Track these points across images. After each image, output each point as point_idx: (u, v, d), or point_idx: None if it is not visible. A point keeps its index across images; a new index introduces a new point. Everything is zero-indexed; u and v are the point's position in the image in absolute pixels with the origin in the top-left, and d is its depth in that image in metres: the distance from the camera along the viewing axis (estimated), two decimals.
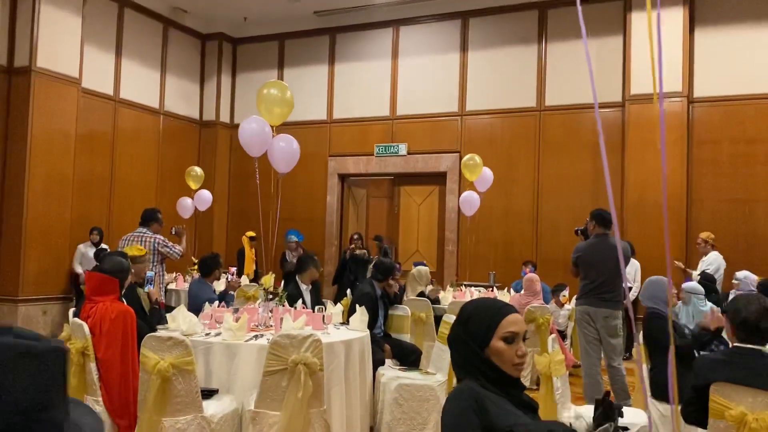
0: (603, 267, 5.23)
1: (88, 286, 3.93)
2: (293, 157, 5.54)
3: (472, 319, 1.77)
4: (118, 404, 3.74)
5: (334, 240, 11.08)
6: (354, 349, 4.26)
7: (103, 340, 3.75)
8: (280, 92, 5.22)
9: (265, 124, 5.23)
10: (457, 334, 1.80)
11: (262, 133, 5.26)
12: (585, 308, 5.32)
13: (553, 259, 9.26)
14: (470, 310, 1.81)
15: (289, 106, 5.28)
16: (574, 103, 9.47)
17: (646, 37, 8.34)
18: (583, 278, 5.39)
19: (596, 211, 5.52)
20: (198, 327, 4.18)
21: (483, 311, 1.78)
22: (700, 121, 8.70)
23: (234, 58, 12.09)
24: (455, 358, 1.83)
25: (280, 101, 5.17)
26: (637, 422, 3.57)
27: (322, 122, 11.22)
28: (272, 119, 5.14)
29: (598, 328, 5.27)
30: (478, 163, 8.44)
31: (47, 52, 8.59)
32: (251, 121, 5.36)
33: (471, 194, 8.67)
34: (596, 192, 9.24)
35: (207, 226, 11.42)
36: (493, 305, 1.81)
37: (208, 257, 6.10)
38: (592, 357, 5.30)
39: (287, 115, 5.37)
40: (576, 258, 5.42)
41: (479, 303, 1.84)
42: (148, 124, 10.78)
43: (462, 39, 10.32)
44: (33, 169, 8.44)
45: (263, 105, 5.14)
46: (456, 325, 1.82)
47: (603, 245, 5.31)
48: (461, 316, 1.82)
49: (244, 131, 5.36)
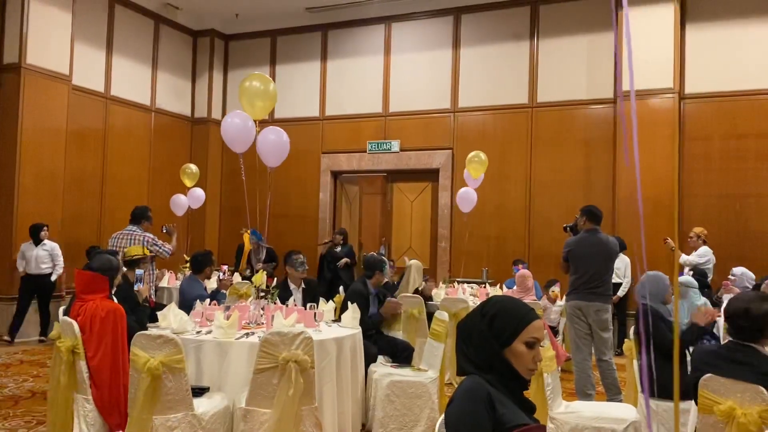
0: (593, 261, 5.29)
1: (77, 285, 3.92)
2: (283, 150, 5.39)
3: (499, 317, 1.77)
4: (108, 402, 3.73)
5: (327, 237, 11.06)
6: (345, 346, 4.25)
7: (93, 339, 3.74)
8: (262, 85, 5.08)
9: (248, 119, 5.11)
10: (480, 329, 1.78)
11: (245, 129, 5.14)
12: (576, 303, 5.34)
13: (546, 254, 9.29)
14: (498, 308, 1.80)
15: (272, 100, 5.11)
16: (566, 100, 9.49)
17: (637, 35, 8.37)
18: (573, 273, 5.41)
19: (587, 207, 5.57)
20: (189, 325, 4.16)
21: (511, 312, 1.78)
22: (691, 117, 8.73)
23: (226, 55, 12.05)
24: (469, 352, 1.80)
25: (262, 94, 5.02)
26: (627, 418, 3.59)
27: (315, 119, 11.20)
28: (254, 113, 5.00)
29: (589, 323, 5.29)
30: (483, 160, 8.42)
31: (37, 48, 8.53)
32: (234, 116, 5.21)
33: (468, 191, 8.66)
34: (588, 188, 9.27)
35: (199, 223, 11.38)
36: (523, 308, 1.80)
37: (199, 254, 6.08)
38: (583, 352, 5.32)
39: (270, 109, 5.24)
40: (566, 253, 5.44)
41: (508, 303, 1.82)
42: (140, 121, 10.73)
43: (454, 35, 10.31)
44: (23, 166, 8.39)
45: (245, 98, 5.02)
46: (479, 319, 1.80)
47: (593, 240, 5.35)
48: (486, 311, 1.80)
49: (228, 127, 5.22)
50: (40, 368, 6.61)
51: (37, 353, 7.50)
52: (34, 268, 8.03)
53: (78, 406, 3.76)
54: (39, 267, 8.05)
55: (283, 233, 10.67)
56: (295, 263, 5.60)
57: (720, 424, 2.68)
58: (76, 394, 3.78)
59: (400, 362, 5.04)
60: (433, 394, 4.58)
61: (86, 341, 3.74)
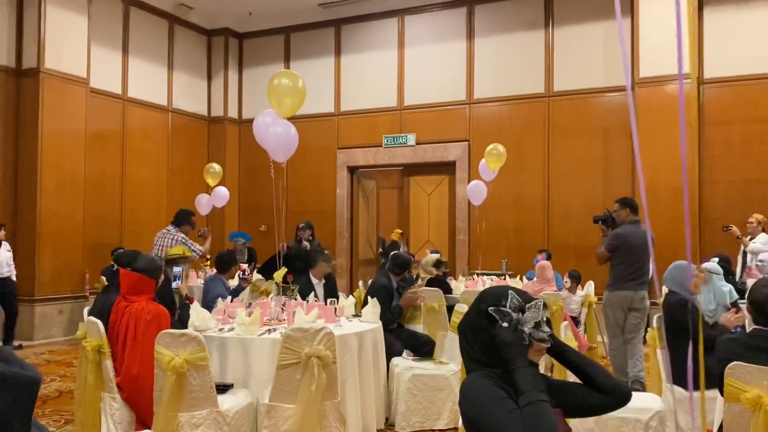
0: (641, 251, 5.49)
1: (123, 285, 3.93)
2: (291, 144, 5.17)
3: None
4: (149, 401, 3.69)
5: (345, 232, 11.09)
6: (367, 340, 4.27)
7: (137, 340, 3.75)
8: (291, 82, 5.00)
9: (290, 127, 4.91)
10: (480, 324, 1.79)
11: (287, 136, 4.90)
12: (625, 293, 5.48)
13: (565, 245, 9.23)
14: (491, 299, 1.81)
15: (301, 97, 5.00)
16: (584, 88, 9.39)
17: (654, 20, 8.26)
18: (620, 263, 5.51)
19: (626, 200, 5.84)
20: (211, 322, 4.20)
21: (503, 298, 1.80)
22: (710, 102, 8.61)
23: (240, 53, 12.09)
24: (473, 350, 1.80)
25: (291, 91, 4.93)
26: (653, 407, 3.56)
27: (330, 115, 11.21)
28: (282, 111, 4.94)
29: (632, 310, 5.46)
30: (501, 153, 8.37)
31: (55, 53, 8.64)
32: (275, 125, 4.94)
33: (478, 183, 8.62)
34: (607, 176, 9.18)
35: (219, 222, 11.46)
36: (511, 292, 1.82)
37: (224, 254, 6.15)
38: (619, 337, 5.53)
39: (299, 107, 5.07)
40: (617, 244, 5.52)
41: (499, 291, 1.83)
42: (157, 122, 10.82)
43: (468, 27, 10.25)
44: (44, 169, 8.51)
45: (274, 96, 4.93)
46: (477, 315, 1.81)
47: (639, 231, 5.53)
48: (482, 305, 1.81)
49: (270, 136, 4.97)
50: (66, 368, 6.72)
51: (63, 353, 7.62)
52: (4, 270, 7.74)
53: (105, 404, 3.82)
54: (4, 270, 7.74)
55: None
56: (328, 258, 5.75)
57: (747, 412, 2.65)
58: (103, 392, 3.83)
59: (421, 356, 5.05)
60: (455, 387, 4.58)
61: (129, 341, 3.76)
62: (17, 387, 0.71)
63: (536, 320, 1.75)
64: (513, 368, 1.69)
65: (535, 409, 1.61)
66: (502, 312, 1.76)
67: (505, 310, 1.76)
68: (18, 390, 0.71)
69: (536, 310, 1.76)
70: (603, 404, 1.83)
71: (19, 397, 0.71)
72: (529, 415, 1.60)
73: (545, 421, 1.60)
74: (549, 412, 1.63)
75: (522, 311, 1.76)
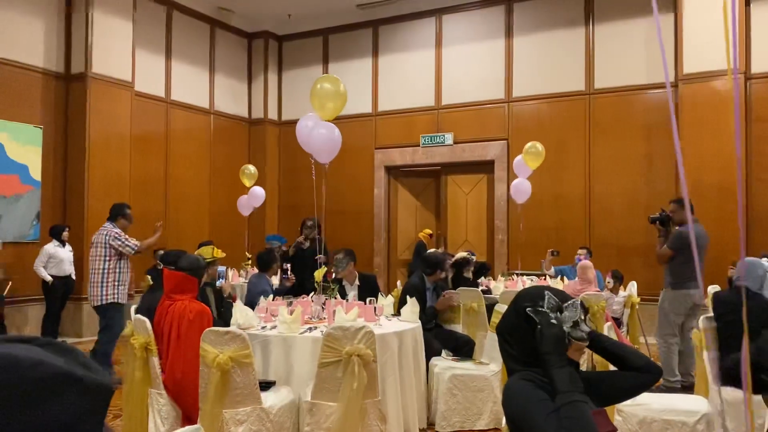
0: (703, 251, 5.61)
1: (166, 284, 4.02)
2: (335, 146, 5.25)
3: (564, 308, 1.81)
4: (194, 398, 3.76)
5: (383, 232, 11.13)
6: (406, 340, 4.28)
7: (181, 338, 3.83)
8: (333, 86, 5.10)
9: (334, 129, 5.01)
10: (518, 324, 1.81)
11: (330, 139, 5.02)
12: (688, 291, 5.54)
13: (607, 243, 9.08)
14: (527, 299, 1.83)
15: (343, 101, 5.12)
16: (625, 85, 9.23)
17: (698, 15, 8.06)
18: (685, 262, 5.50)
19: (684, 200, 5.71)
20: (254, 320, 4.27)
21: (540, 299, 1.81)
22: (758, 98, 8.37)
23: (280, 56, 12.24)
24: (513, 351, 1.82)
25: (333, 96, 5.04)
26: (699, 410, 3.49)
27: (368, 115, 11.26)
28: (325, 114, 5.04)
29: (694, 308, 5.54)
30: (539, 151, 8.29)
31: (101, 58, 8.91)
32: (319, 126, 5.03)
33: (522, 181, 8.53)
34: (649, 174, 9.01)
35: (259, 221, 11.61)
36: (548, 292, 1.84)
37: (264, 254, 6.26)
38: (676, 336, 5.65)
39: (340, 110, 5.16)
40: (687, 244, 5.46)
41: (534, 292, 1.85)
42: (200, 124, 11.04)
43: (506, 25, 10.18)
44: (92, 170, 8.78)
45: (316, 100, 5.03)
46: (515, 315, 1.83)
47: (702, 230, 5.59)
48: (519, 306, 1.83)
49: (314, 138, 5.04)
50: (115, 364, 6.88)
51: None
52: (68, 269, 8.12)
53: (152, 400, 3.91)
54: (67, 269, 8.10)
55: (339, 229, 10.77)
56: (336, 262, 5.56)
57: None
58: (151, 389, 3.93)
59: (461, 356, 5.04)
60: (496, 387, 4.56)
61: (173, 339, 3.85)
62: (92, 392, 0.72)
63: (574, 319, 1.75)
64: (550, 368, 1.69)
65: (571, 409, 1.62)
66: (540, 312, 1.76)
67: (543, 311, 1.76)
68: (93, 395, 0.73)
69: (574, 309, 1.77)
70: (639, 383, 1.87)
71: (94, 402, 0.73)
72: (565, 416, 1.61)
73: (580, 421, 1.61)
74: (585, 412, 1.64)
75: (560, 311, 1.77)
